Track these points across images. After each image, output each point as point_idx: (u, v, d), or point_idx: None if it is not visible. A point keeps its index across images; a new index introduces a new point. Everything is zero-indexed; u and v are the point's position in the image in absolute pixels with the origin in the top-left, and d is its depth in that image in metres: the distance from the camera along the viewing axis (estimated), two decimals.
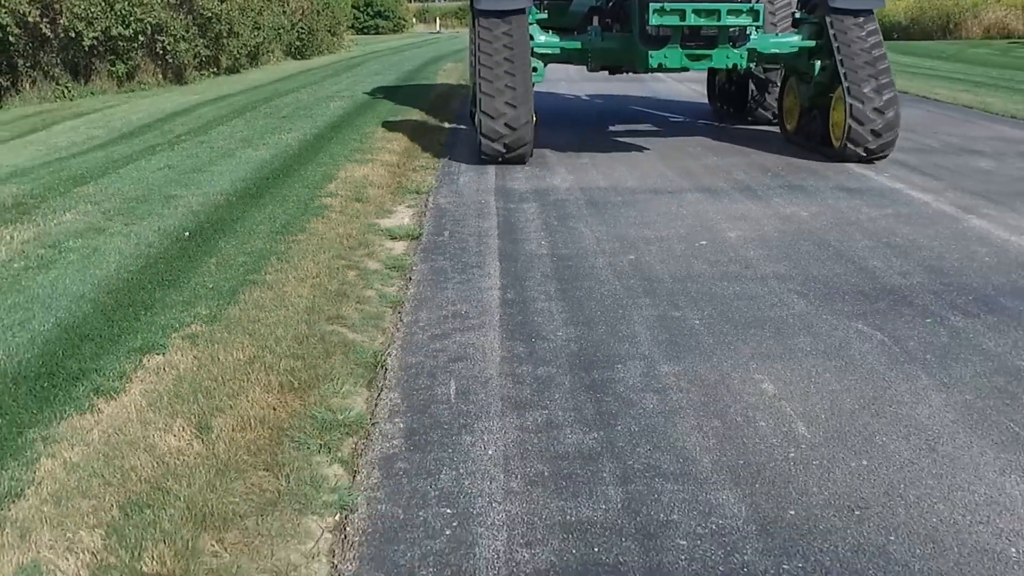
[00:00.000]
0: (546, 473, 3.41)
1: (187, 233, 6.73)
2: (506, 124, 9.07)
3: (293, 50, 29.99)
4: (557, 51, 10.15)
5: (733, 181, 8.70)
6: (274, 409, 3.88)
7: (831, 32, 9.50)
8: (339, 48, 33.93)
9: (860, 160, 9.28)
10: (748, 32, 9.43)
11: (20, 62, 18.77)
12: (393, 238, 6.77)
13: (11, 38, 17.76)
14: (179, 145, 11.41)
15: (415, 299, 5.38)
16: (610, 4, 10.28)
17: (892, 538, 3.00)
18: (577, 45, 10.11)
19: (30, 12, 17.82)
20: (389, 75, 21.56)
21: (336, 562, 2.92)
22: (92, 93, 19.74)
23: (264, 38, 26.26)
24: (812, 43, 9.90)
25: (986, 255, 6.15)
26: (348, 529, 3.08)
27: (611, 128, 12.20)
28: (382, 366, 4.40)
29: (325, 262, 5.93)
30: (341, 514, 3.17)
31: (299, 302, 5.15)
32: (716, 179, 8.79)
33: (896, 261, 6.02)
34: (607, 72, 11.25)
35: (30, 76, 18.98)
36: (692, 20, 8.79)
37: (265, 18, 26.08)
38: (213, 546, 2.94)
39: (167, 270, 5.82)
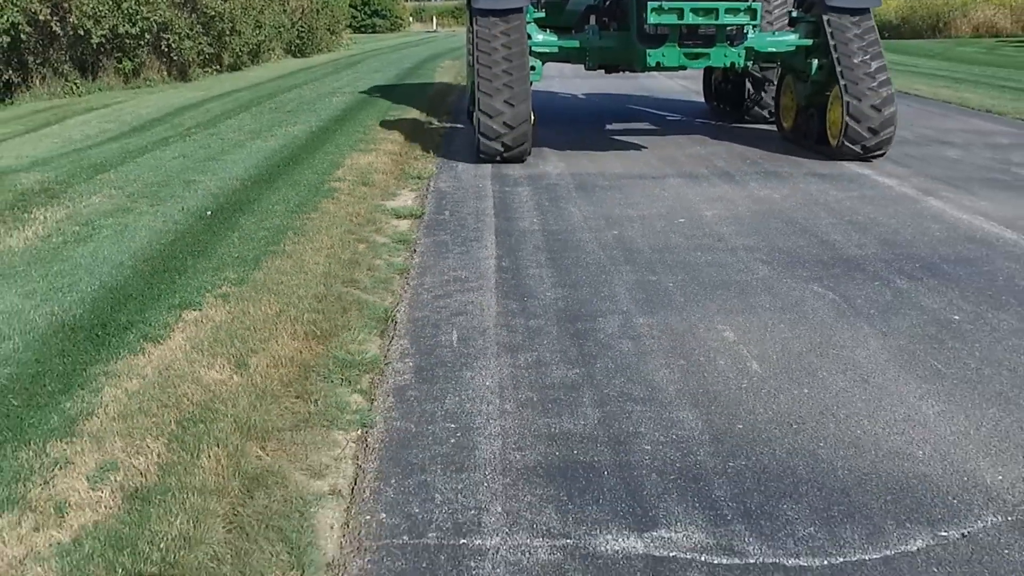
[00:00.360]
0: (535, 399, 4.02)
1: (209, 212, 7.33)
2: (505, 123, 9.11)
3: (293, 48, 30.58)
4: (555, 50, 10.16)
5: (714, 168, 9.31)
6: (301, 352, 4.48)
7: (828, 31, 9.52)
8: (338, 46, 34.52)
9: (857, 159, 9.40)
10: (745, 31, 9.47)
11: (30, 59, 19.32)
12: (398, 217, 7.37)
13: (23, 36, 18.31)
14: (190, 137, 11.96)
15: (420, 267, 6.00)
16: (607, 3, 10.38)
17: (821, 444, 3.61)
18: (575, 44, 10.12)
19: (41, 10, 18.38)
20: (388, 72, 22.15)
21: (360, 463, 3.52)
22: (99, 89, 20.31)
23: (265, 36, 26.87)
24: (809, 42, 9.91)
25: (938, 230, 6.78)
26: (369, 439, 3.69)
27: (605, 126, 12.73)
28: (392, 319, 5.01)
29: (338, 236, 6.54)
30: (362, 429, 3.78)
31: (316, 268, 5.75)
32: (698, 166, 9.40)
33: (855, 235, 6.64)
34: (603, 71, 11.25)
35: (40, 72, 19.53)
36: (690, 19, 8.81)
37: (266, 17, 26.70)
38: (258, 452, 3.55)
39: (195, 243, 6.42)
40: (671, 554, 2.92)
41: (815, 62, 9.77)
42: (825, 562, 2.88)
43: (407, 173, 9.20)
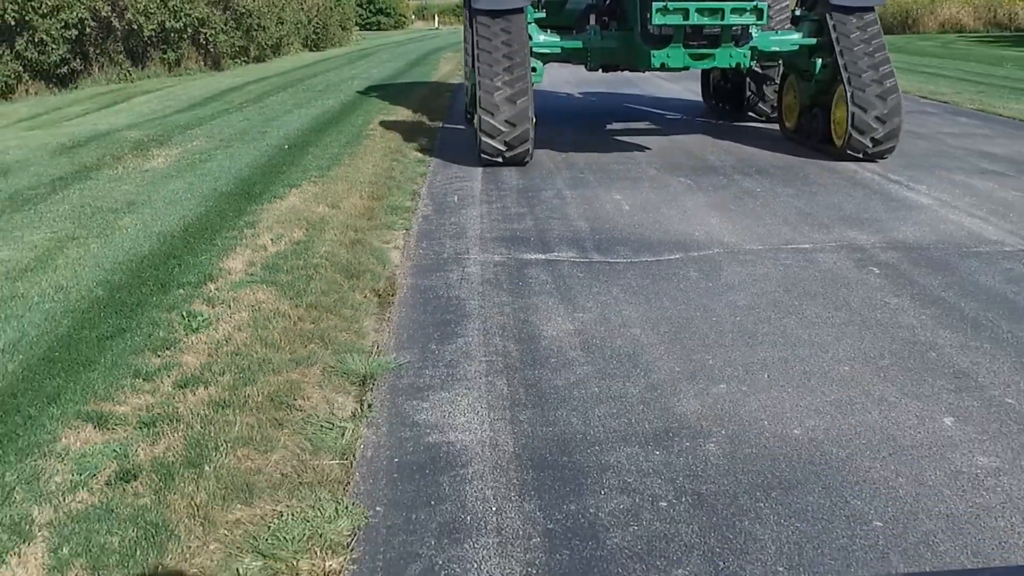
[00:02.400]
0: (500, 217, 7.29)
1: (286, 146, 10.59)
2: (506, 127, 8.97)
3: (309, 43, 33.88)
4: (558, 51, 10.10)
5: (652, 125, 12.56)
6: (367, 204, 7.75)
7: (832, 30, 9.42)
8: (348, 42, 37.82)
9: (863, 158, 9.31)
10: (751, 31, 9.42)
11: (91, 50, 22.60)
12: (417, 150, 10.63)
13: (87, 29, 21.58)
14: (245, 108, 15.19)
15: (433, 172, 9.27)
16: (607, 2, 10.46)
17: (647, 231, 6.87)
18: (578, 44, 10.02)
19: (103, 7, 21.66)
20: (398, 63, 25.41)
21: (406, 239, 6.79)
22: (148, 77, 23.54)
23: (286, 31, 30.17)
24: (813, 41, 9.79)
25: (782, 153, 10.03)
26: (409, 232, 6.96)
27: (576, 109, 15.95)
28: (418, 193, 8.28)
29: (378, 157, 9.82)
30: (405, 229, 7.04)
31: (368, 170, 9.02)
32: (639, 124, 12.65)
33: (724, 156, 9.91)
34: (601, 70, 10.97)
35: (99, 61, 22.80)
36: (695, 19, 8.71)
37: (287, 14, 30.01)
38: (353, 234, 6.80)
39: (284, 160, 9.68)
40: (557, 259, 6.19)
41: (819, 61, 9.66)
42: (628, 261, 6.14)
43: (421, 127, 12.46)
